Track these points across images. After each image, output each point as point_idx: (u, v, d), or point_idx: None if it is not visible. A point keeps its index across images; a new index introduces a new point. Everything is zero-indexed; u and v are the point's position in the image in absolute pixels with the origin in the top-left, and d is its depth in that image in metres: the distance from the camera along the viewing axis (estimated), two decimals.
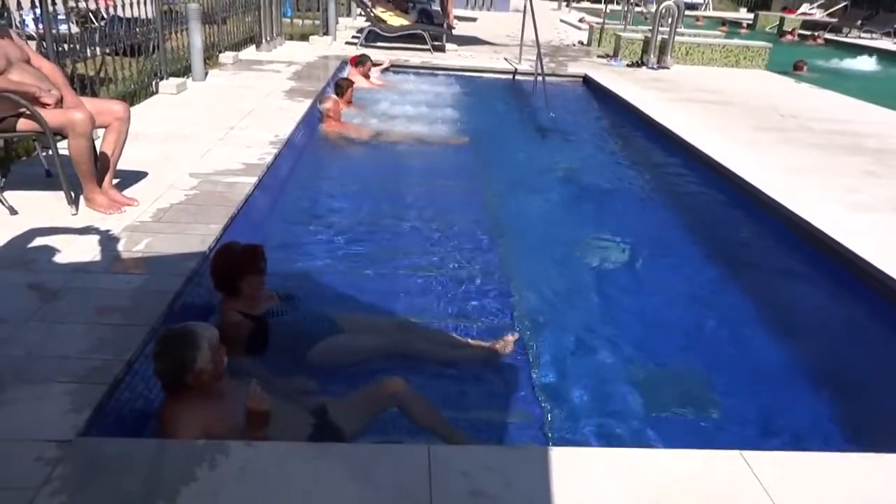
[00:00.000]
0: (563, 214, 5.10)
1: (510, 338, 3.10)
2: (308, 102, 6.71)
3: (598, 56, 12.08)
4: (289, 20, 12.61)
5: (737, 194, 5.15)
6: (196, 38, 7.23)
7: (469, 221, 4.63)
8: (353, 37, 11.89)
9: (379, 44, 10.98)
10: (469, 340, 3.11)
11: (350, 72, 8.43)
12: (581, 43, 14.20)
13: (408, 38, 11.04)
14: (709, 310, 3.69)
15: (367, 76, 8.43)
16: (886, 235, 4.09)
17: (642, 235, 4.76)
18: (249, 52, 9.64)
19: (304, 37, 11.66)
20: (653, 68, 10.80)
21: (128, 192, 3.91)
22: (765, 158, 5.72)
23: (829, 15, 24.80)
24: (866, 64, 15.84)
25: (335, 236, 4.19)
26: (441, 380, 2.86)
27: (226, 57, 8.69)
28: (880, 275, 3.57)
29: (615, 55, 11.55)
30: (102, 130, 3.74)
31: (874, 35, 21.44)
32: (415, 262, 3.94)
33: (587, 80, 9.79)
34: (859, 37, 21.13)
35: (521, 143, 7.01)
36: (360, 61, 8.47)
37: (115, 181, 3.81)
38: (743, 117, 7.43)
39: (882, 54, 17.35)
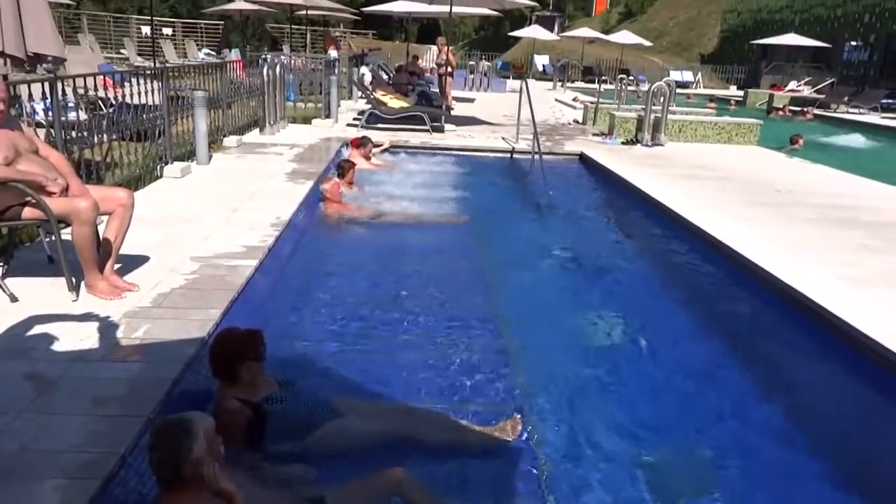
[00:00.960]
0: (564, 293, 5.10)
1: (513, 421, 3.05)
2: (310, 184, 6.83)
3: (594, 134, 12.37)
4: (292, 104, 12.98)
5: (736, 270, 5.16)
6: (201, 123, 7.43)
7: (470, 302, 4.63)
8: (355, 119, 12.22)
9: (380, 125, 11.27)
10: (471, 425, 3.06)
11: (351, 153, 8.62)
12: (576, 122, 14.56)
13: (408, 120, 11.34)
14: (716, 389, 3.65)
15: (368, 157, 8.62)
16: (886, 310, 4.07)
17: (644, 314, 4.74)
18: (253, 136, 9.89)
19: (306, 120, 11.99)
20: (647, 146, 11.05)
21: (129, 276, 3.93)
22: (762, 234, 5.77)
23: (817, 92, 25.56)
24: (856, 138, 16.18)
25: (335, 319, 4.18)
26: (443, 467, 2.80)
27: (230, 140, 8.92)
28: (882, 349, 3.54)
29: (610, 133, 11.82)
30: (106, 217, 3.80)
31: (861, 110, 22.01)
32: (415, 345, 3.91)
33: (583, 158, 9.99)
34: (847, 112, 21.68)
35: (520, 221, 7.09)
36: (361, 143, 8.68)
37: (116, 266, 3.84)
38: (738, 193, 7.54)
39: (870, 128, 17.78)
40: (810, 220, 6.36)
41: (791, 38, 27.91)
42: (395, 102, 11.58)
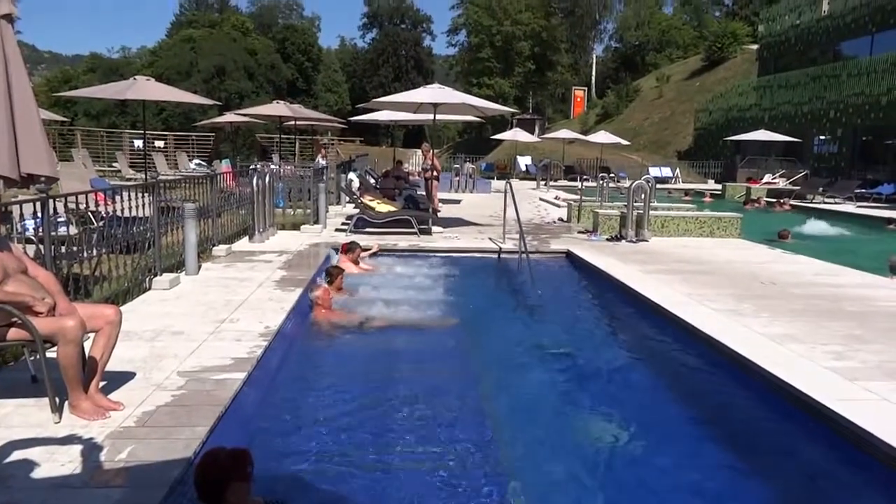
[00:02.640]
0: (557, 395, 5.03)
1: None
2: (299, 291, 6.85)
3: (579, 232, 12.59)
4: (281, 210, 13.20)
5: (727, 364, 5.15)
6: (191, 234, 7.52)
7: (462, 408, 4.56)
8: (343, 224, 12.40)
9: (368, 230, 11.44)
10: None
11: (340, 259, 8.70)
12: (561, 220, 14.85)
13: (396, 223, 11.53)
14: (715, 490, 3.55)
15: (356, 262, 8.69)
16: (881, 403, 4.04)
17: (636, 412, 4.68)
18: (242, 244, 9.98)
19: (295, 226, 12.16)
20: (632, 241, 11.24)
21: (114, 394, 3.86)
22: (750, 327, 5.80)
23: (792, 184, 26.38)
24: (833, 227, 16.57)
25: (326, 432, 4.08)
26: None
27: (219, 250, 8.99)
28: (881, 443, 3.49)
29: (594, 230, 12.05)
30: (93, 334, 3.77)
31: (837, 200, 22.65)
32: (408, 457, 3.81)
33: (570, 256, 10.12)
34: (824, 202, 22.29)
35: (510, 321, 7.09)
36: (349, 248, 8.77)
37: (101, 384, 3.78)
38: (724, 286, 7.62)
39: (847, 217, 18.26)
40: (797, 312, 6.40)
41: (762, 135, 29.07)
42: (382, 207, 11.80)
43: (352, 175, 16.53)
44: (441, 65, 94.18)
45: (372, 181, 16.80)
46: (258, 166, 12.63)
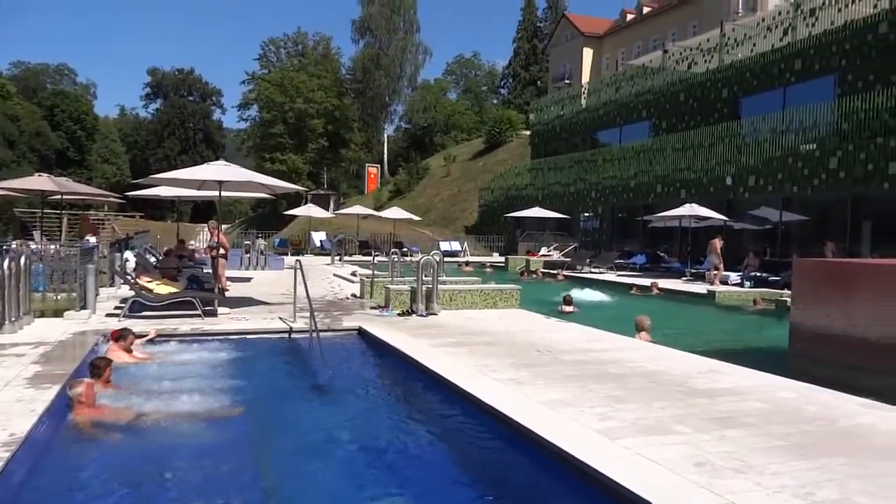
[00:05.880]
0: (347, 480, 4.92)
1: None
2: (56, 388, 6.06)
3: (371, 307, 12.71)
4: (40, 294, 11.78)
5: (508, 434, 5.41)
6: None
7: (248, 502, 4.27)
8: (116, 307, 11.35)
9: (145, 314, 10.58)
10: None
11: (110, 348, 7.91)
12: (354, 296, 14.91)
13: (177, 306, 10.79)
14: None
15: (129, 351, 7.96)
16: (637, 458, 4.48)
17: (424, 489, 4.72)
18: None
19: (57, 312, 10.89)
20: (422, 315, 11.58)
21: None
22: (528, 395, 6.17)
23: (564, 255, 29.17)
24: (598, 294, 18.50)
25: None
26: None
27: None
28: (632, 495, 3.85)
29: (386, 306, 12.24)
30: None
31: (601, 269, 25.38)
32: None
33: (362, 333, 10.15)
34: (590, 272, 24.86)
35: (299, 405, 6.87)
36: (121, 335, 8.03)
37: None
38: (506, 356, 8.08)
39: (610, 285, 20.51)
40: (568, 378, 6.95)
41: (537, 211, 32.00)
42: (162, 288, 11.02)
43: (128, 254, 15.32)
44: (232, 139, 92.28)
45: (153, 260, 15.68)
46: (12, 245, 11.23)
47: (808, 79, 23.11)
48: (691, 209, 22.34)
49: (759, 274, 20.11)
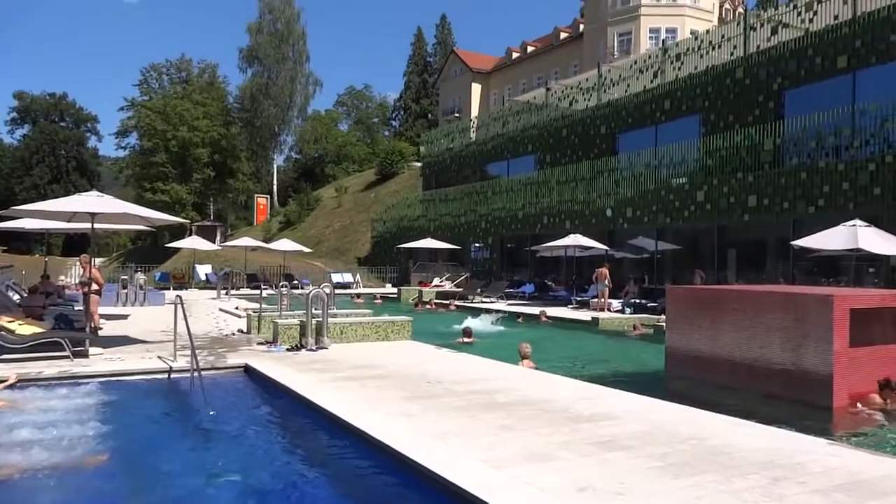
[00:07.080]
0: None
1: None
2: None
3: (259, 343, 12.29)
4: None
5: (398, 468, 5.34)
6: None
7: None
8: None
9: (5, 357, 9.68)
10: None
11: None
12: (241, 331, 14.36)
13: (43, 347, 9.96)
14: None
15: None
16: (523, 486, 4.54)
17: None
18: None
19: None
20: (312, 350, 11.31)
21: None
22: (418, 428, 6.14)
23: (456, 286, 29.51)
24: (489, 323, 18.81)
25: None
26: None
27: None
28: None
29: (275, 341, 11.87)
30: None
31: (492, 299, 25.87)
32: None
33: (248, 370, 9.77)
34: (482, 301, 25.27)
35: (176, 450, 6.47)
36: None
37: None
38: (397, 389, 8.01)
39: (500, 313, 20.91)
40: (459, 408, 6.98)
41: (429, 242, 32.32)
42: (24, 329, 10.14)
43: None
44: (110, 167, 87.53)
45: (16, 298, 14.46)
46: None
47: (676, 118, 24.89)
48: (575, 239, 23.32)
49: (638, 301, 21.19)
